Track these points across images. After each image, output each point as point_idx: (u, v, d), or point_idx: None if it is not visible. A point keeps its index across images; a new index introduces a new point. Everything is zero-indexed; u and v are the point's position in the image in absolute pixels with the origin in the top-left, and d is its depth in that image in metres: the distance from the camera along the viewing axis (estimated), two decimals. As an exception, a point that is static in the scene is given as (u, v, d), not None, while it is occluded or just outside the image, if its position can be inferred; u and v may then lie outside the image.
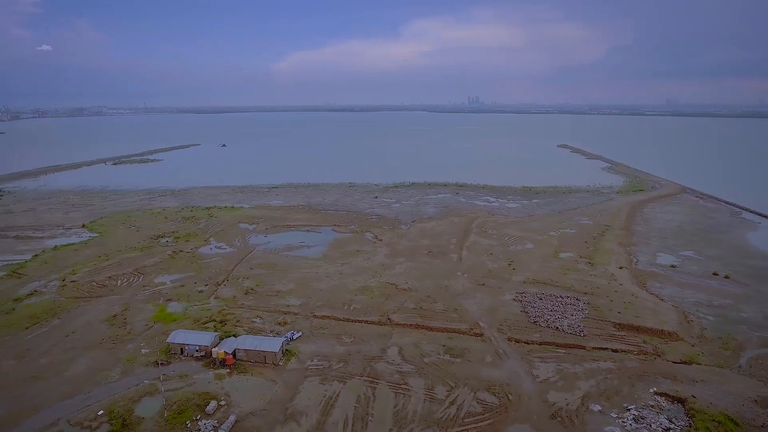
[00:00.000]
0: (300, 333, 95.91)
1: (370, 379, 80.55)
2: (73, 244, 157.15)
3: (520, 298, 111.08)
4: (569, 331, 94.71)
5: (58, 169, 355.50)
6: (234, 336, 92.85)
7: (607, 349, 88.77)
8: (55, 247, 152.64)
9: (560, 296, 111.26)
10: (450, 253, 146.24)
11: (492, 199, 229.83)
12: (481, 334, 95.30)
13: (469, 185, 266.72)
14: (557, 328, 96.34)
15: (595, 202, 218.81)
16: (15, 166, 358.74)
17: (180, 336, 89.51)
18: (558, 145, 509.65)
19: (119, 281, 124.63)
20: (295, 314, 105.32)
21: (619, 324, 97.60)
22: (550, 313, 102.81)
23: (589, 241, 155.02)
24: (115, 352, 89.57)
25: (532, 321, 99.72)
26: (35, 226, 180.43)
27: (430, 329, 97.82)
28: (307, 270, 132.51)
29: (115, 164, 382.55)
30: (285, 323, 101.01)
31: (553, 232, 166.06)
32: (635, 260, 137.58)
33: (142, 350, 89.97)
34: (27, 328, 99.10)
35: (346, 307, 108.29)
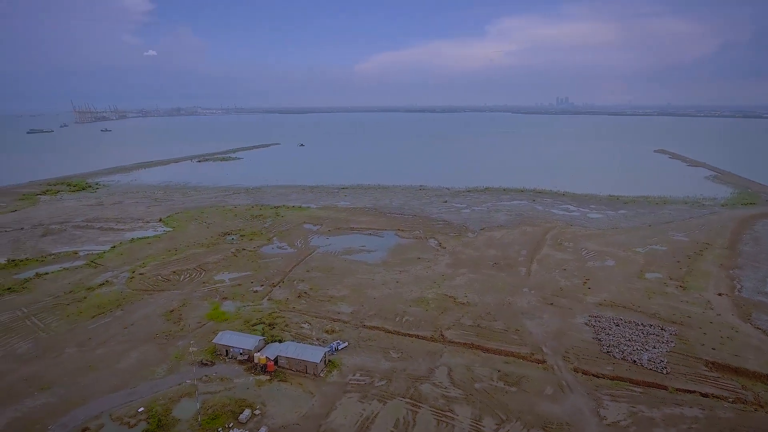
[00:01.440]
0: (346, 344, 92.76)
1: (413, 401, 75.17)
2: (147, 237, 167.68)
3: (594, 323, 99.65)
4: (649, 367, 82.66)
5: (149, 165, 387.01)
6: (279, 341, 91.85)
7: (694, 392, 76.01)
8: (132, 240, 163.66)
9: (641, 324, 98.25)
10: (518, 266, 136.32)
11: (572, 208, 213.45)
12: (543, 361, 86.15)
13: (547, 192, 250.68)
14: (635, 361, 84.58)
15: (694, 215, 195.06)
16: (113, 162, 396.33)
17: (226, 337, 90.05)
18: (655, 150, 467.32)
19: (182, 276, 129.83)
20: (345, 323, 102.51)
21: (713, 363, 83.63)
22: (628, 342, 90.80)
23: (682, 261, 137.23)
24: (166, 348, 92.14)
25: (605, 351, 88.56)
26: (119, 219, 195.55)
27: (486, 350, 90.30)
28: (363, 276, 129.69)
29: (199, 162, 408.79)
30: (333, 331, 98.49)
31: (640, 249, 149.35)
32: (739, 286, 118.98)
33: (191, 348, 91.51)
34: (93, 317, 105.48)
35: (397, 319, 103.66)
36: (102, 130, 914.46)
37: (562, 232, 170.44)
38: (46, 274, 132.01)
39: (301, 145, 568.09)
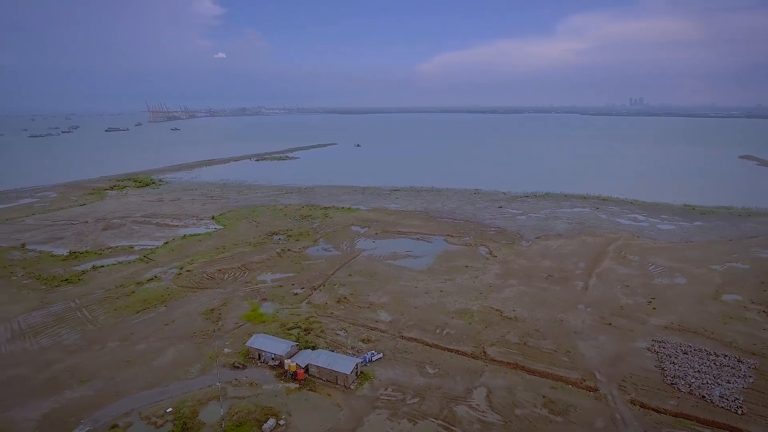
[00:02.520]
0: (381, 355, 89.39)
1: (446, 424, 70.45)
2: (199, 234, 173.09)
3: (657, 349, 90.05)
4: (721, 405, 72.93)
5: (211, 163, 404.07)
6: (312, 348, 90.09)
7: (778, 441, 65.96)
8: (184, 236, 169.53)
9: (714, 353, 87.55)
10: (574, 279, 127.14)
11: (640, 217, 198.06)
12: (596, 389, 78.44)
13: (613, 199, 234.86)
14: (704, 397, 75.01)
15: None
16: (178, 159, 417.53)
17: (259, 341, 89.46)
18: (740, 156, 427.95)
19: (226, 275, 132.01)
20: (382, 332, 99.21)
21: (804, 407, 72.44)
22: (697, 374, 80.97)
23: (767, 282, 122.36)
24: (201, 348, 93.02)
25: (669, 382, 79.37)
26: (175, 215, 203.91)
27: (531, 372, 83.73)
28: (406, 283, 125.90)
29: (257, 160, 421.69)
30: (369, 341, 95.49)
31: (717, 266, 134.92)
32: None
33: (225, 350, 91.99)
34: (137, 312, 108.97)
35: (438, 331, 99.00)
36: (172, 129, 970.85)
37: (627, 243, 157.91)
38: (102, 267, 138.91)
39: (358, 145, 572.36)
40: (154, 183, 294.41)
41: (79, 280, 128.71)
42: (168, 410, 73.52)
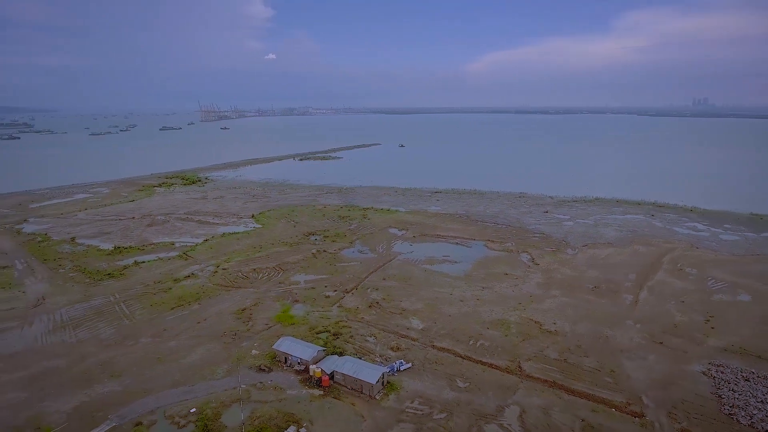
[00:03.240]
0: (409, 365, 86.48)
1: (473, 443, 66.79)
2: (237, 233, 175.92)
3: (714, 373, 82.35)
4: (790, 443, 65.31)
5: (255, 162, 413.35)
6: (339, 354, 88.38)
7: None
8: (223, 235, 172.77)
9: (783, 383, 78.98)
10: (623, 292, 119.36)
11: (700, 226, 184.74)
12: (642, 415, 72.31)
13: (670, 206, 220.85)
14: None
15: None
16: (225, 158, 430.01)
17: (285, 344, 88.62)
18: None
19: (261, 275, 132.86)
20: (413, 340, 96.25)
21: None
22: (760, 404, 73.15)
23: None
24: (230, 348, 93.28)
25: (727, 412, 72.07)
26: (216, 213, 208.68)
27: (570, 392, 78.38)
28: (441, 289, 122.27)
29: (301, 160, 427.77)
30: (398, 348, 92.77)
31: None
32: None
33: (253, 351, 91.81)
34: (172, 308, 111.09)
35: (471, 342, 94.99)
36: (221, 128, 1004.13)
37: (684, 254, 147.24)
38: (143, 262, 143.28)
39: (402, 145, 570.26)
40: (200, 181, 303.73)
41: (120, 274, 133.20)
42: (192, 410, 73.70)
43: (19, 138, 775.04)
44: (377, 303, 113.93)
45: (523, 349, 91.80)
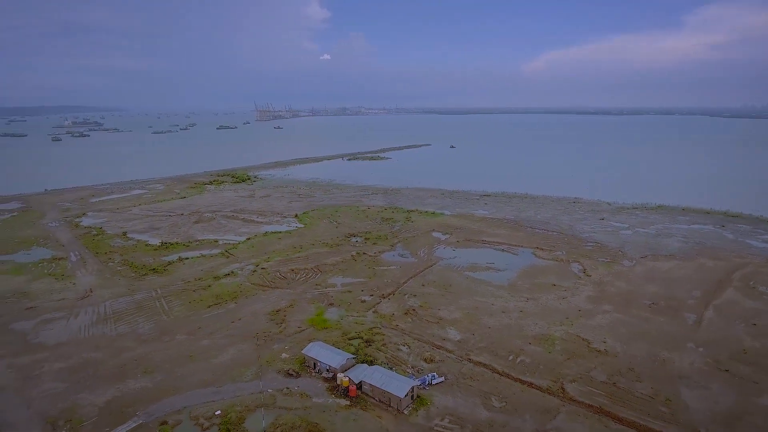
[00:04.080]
0: (442, 378, 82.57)
1: (505, 471, 62.20)
2: (279, 232, 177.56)
3: (791, 411, 73.02)
4: None
5: (305, 161, 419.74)
6: (369, 363, 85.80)
7: None
8: (265, 234, 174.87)
9: None
10: (685, 310, 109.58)
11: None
12: (701, 453, 64.95)
13: (745, 216, 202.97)
14: None
15: None
16: (276, 156, 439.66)
17: (315, 349, 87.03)
18: None
19: (298, 275, 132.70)
20: (448, 352, 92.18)
21: None
22: None
23: None
24: (261, 350, 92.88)
25: (806, 458, 63.40)
26: (261, 212, 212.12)
27: (618, 420, 71.81)
28: (482, 298, 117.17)
29: (349, 160, 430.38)
30: (432, 360, 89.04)
31: None
32: None
33: (283, 354, 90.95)
34: (209, 306, 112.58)
35: (510, 358, 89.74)
36: (275, 128, 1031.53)
37: (758, 271, 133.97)
38: (187, 259, 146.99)
39: (452, 146, 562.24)
40: (249, 179, 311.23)
41: (164, 270, 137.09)
42: (216, 413, 73.36)
43: (88, 136, 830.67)
44: (414, 310, 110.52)
45: (567, 369, 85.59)
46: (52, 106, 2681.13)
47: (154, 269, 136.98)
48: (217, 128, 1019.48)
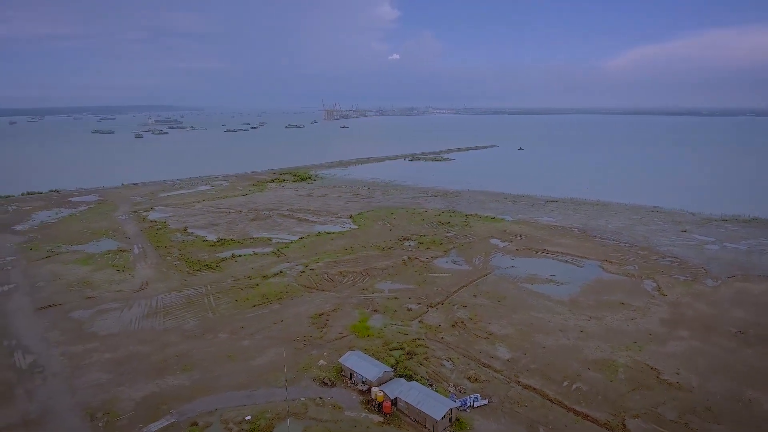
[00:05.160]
0: (486, 401, 76.67)
1: None
2: (332, 233, 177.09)
3: None
4: None
5: (366, 161, 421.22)
6: (407, 377, 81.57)
7: None
8: (318, 234, 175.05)
9: None
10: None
11: None
12: None
13: None
14: None
15: None
16: (338, 156, 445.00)
17: (352, 359, 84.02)
18: None
19: (346, 278, 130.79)
20: (495, 371, 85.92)
21: None
22: None
23: None
24: (299, 354, 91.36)
25: None
26: (317, 211, 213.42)
27: (689, 468, 62.81)
28: (538, 314, 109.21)
29: (411, 160, 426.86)
30: (476, 380, 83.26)
31: None
32: None
33: (320, 361, 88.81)
34: (254, 306, 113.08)
35: (566, 384, 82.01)
36: (341, 127, 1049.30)
37: None
38: (239, 256, 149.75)
39: (520, 148, 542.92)
40: (309, 178, 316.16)
41: (217, 266, 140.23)
42: (247, 418, 72.22)
43: (167, 133, 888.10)
44: (462, 322, 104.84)
45: (630, 402, 76.72)
46: (139, 105, 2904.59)
47: (207, 265, 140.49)
48: (285, 127, 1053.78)
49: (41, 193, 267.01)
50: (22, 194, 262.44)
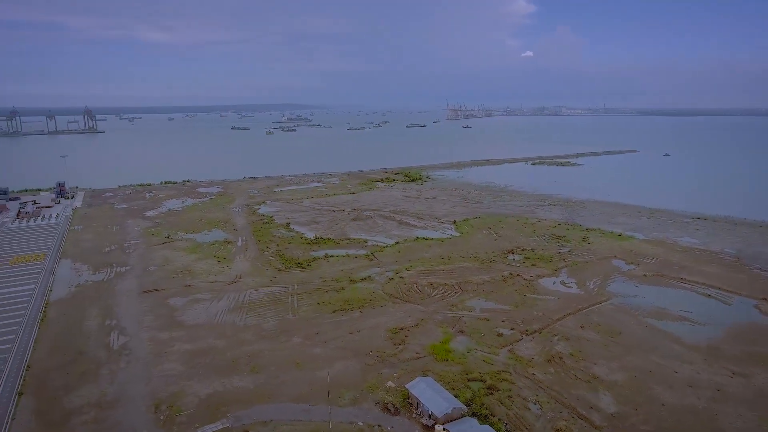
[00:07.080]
0: (575, 463, 64.08)
1: None
2: (431, 239, 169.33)
3: None
4: None
5: (483, 163, 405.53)
6: (481, 418, 71.56)
7: None
8: (416, 239, 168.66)
9: None
10: None
11: None
12: None
13: None
14: None
15: None
16: (454, 157, 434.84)
17: (420, 387, 76.22)
18: None
19: (435, 291, 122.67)
20: (594, 427, 71.95)
21: None
22: None
23: None
24: (368, 371, 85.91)
25: None
26: (419, 215, 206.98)
27: None
28: (662, 360, 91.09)
29: (533, 164, 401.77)
30: (568, 432, 70.48)
31: None
32: None
33: (389, 382, 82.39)
34: (334, 311, 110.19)
35: (686, 456, 65.71)
36: (463, 127, 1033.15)
37: None
38: (332, 256, 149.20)
39: (666, 155, 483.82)
40: (420, 179, 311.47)
41: (308, 266, 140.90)
42: (298, 437, 68.48)
43: (295, 131, 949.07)
44: (561, 358, 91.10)
45: (779, 498, 58.72)
46: (276, 103, 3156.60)
47: (299, 263, 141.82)
48: (407, 126, 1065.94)
49: (176, 182, 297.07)
50: (161, 183, 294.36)
